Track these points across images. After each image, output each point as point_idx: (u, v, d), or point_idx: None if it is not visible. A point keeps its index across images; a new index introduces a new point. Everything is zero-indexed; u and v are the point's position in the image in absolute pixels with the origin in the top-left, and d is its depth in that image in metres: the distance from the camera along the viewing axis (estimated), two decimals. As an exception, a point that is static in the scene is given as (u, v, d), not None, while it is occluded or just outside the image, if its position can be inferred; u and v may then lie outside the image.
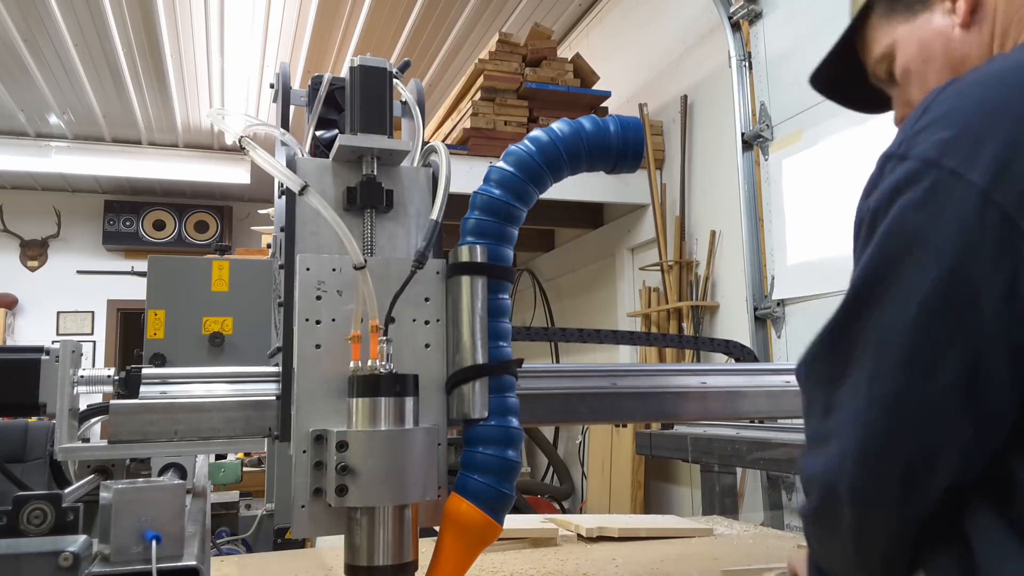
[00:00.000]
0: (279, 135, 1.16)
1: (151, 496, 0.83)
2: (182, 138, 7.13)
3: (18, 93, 5.93)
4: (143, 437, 0.94)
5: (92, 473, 1.26)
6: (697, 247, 3.74)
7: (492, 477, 0.97)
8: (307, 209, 1.01)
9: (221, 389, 1.02)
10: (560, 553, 1.76)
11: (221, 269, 1.82)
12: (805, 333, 2.96)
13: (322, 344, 0.96)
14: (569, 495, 4.73)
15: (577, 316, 5.09)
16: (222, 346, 1.78)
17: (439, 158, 1.06)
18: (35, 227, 7.93)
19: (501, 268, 1.03)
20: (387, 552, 0.91)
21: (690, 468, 3.42)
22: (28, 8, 4.67)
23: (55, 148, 6.90)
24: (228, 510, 3.07)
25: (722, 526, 2.14)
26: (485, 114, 3.80)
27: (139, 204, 8.08)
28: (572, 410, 1.22)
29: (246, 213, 8.34)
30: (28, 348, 1.07)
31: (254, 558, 1.99)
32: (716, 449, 2.67)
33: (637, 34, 4.53)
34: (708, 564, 1.65)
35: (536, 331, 1.71)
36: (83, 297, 7.82)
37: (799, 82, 3.03)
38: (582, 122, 1.07)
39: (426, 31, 5.11)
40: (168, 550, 0.81)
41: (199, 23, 4.93)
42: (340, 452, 0.89)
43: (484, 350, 1.00)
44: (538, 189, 1.06)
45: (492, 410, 0.99)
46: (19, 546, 0.73)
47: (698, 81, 3.82)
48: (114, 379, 1.08)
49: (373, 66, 1.08)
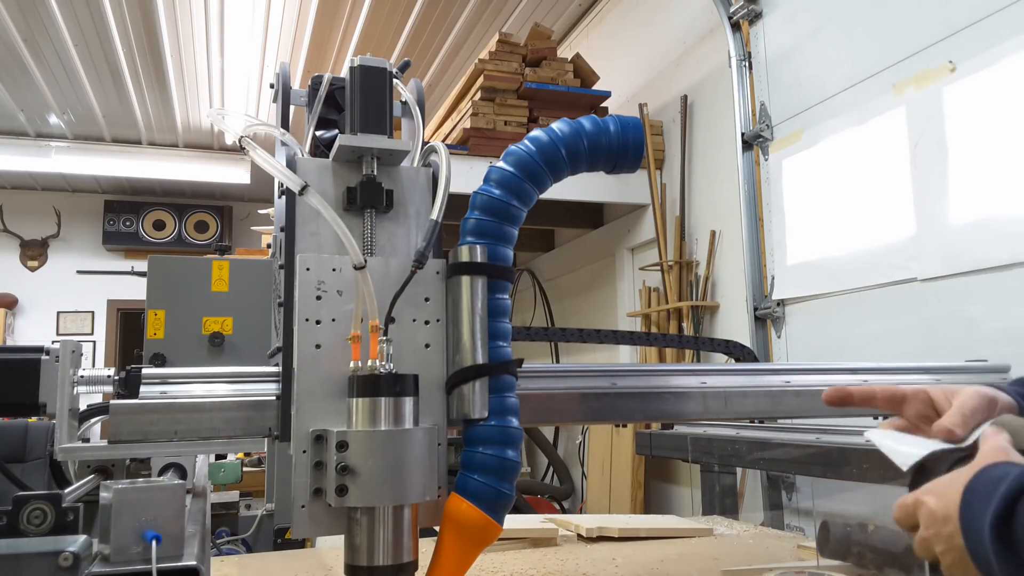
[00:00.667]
0: (279, 135, 1.16)
1: (151, 496, 0.83)
2: (182, 138, 7.13)
3: (18, 93, 5.93)
4: (143, 437, 0.94)
5: (92, 473, 1.26)
6: (697, 247, 3.74)
7: (492, 477, 0.97)
8: (307, 209, 1.01)
9: (221, 389, 1.02)
10: (560, 553, 1.76)
11: (221, 269, 1.83)
12: (805, 333, 2.96)
13: (322, 344, 0.96)
14: (569, 495, 4.73)
15: (577, 316, 5.09)
16: (222, 346, 1.78)
17: (439, 158, 1.06)
18: (35, 227, 7.94)
19: (501, 268, 1.03)
20: (387, 552, 0.91)
21: (690, 468, 3.42)
22: (28, 8, 4.67)
23: (55, 148, 6.90)
24: (228, 510, 3.07)
25: (722, 526, 2.14)
26: (485, 114, 3.80)
27: (139, 204, 8.08)
28: (572, 410, 1.22)
29: (246, 213, 8.35)
30: (28, 348, 1.07)
31: (254, 558, 1.99)
32: (716, 449, 2.67)
33: (637, 34, 4.53)
34: (708, 564, 1.65)
35: (536, 331, 1.71)
36: (83, 297, 7.83)
37: (799, 82, 3.03)
38: (582, 122, 1.07)
39: (426, 31, 5.11)
40: (168, 550, 0.81)
41: (199, 23, 4.94)
42: (340, 452, 0.89)
43: (484, 350, 1.00)
44: (538, 189, 1.06)
45: (492, 410, 0.99)
46: (19, 546, 0.73)
47: (698, 81, 3.82)
48: (114, 379, 1.08)
49: (373, 66, 1.08)
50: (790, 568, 1.55)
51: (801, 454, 2.05)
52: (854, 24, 2.74)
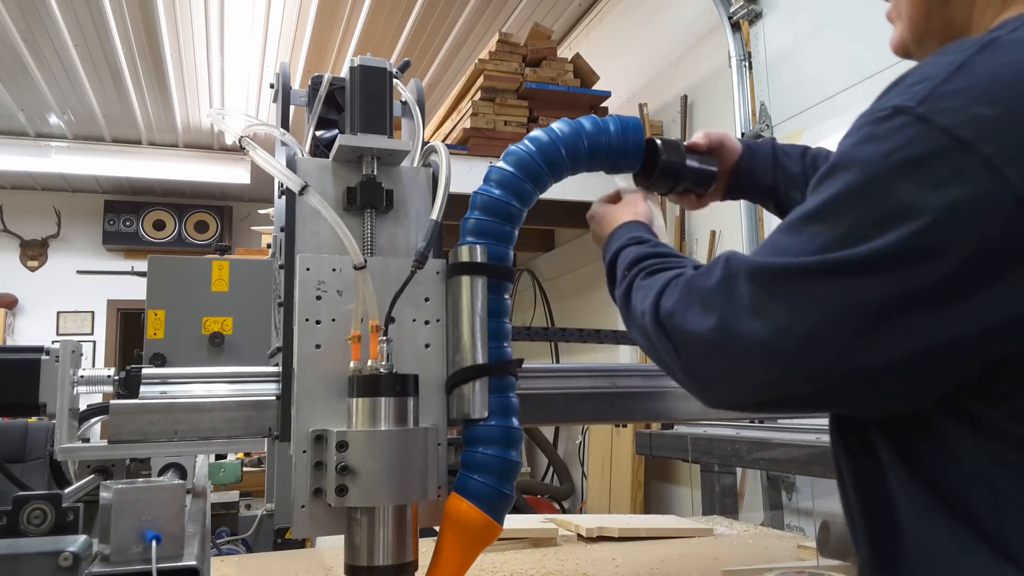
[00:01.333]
0: (279, 135, 1.16)
1: (151, 496, 0.83)
2: (182, 138, 7.13)
3: (18, 93, 5.93)
4: (143, 437, 0.94)
5: (92, 473, 1.26)
6: (697, 247, 3.74)
7: (492, 477, 0.97)
8: (307, 209, 1.01)
9: (221, 389, 1.02)
10: (560, 553, 1.76)
11: (221, 269, 1.83)
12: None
13: (322, 344, 0.96)
14: (569, 495, 4.73)
15: (577, 316, 5.09)
16: (222, 346, 1.78)
17: (439, 158, 1.06)
18: (35, 227, 7.93)
19: (501, 268, 1.03)
20: (387, 552, 0.91)
21: (690, 468, 3.42)
22: (28, 8, 4.67)
23: (55, 148, 6.90)
24: (228, 510, 3.07)
25: (722, 526, 2.14)
26: (485, 114, 3.80)
27: (139, 204, 8.07)
28: (572, 410, 1.22)
29: (246, 213, 8.34)
30: (28, 348, 1.07)
31: (254, 558, 1.99)
32: (716, 449, 2.67)
33: (637, 34, 4.53)
34: (708, 564, 1.65)
35: (536, 331, 1.71)
36: (83, 297, 7.82)
37: (799, 82, 3.03)
38: (582, 122, 1.07)
39: (426, 31, 5.11)
40: (168, 550, 0.81)
41: (199, 23, 4.93)
42: (340, 452, 0.89)
43: (484, 350, 1.00)
44: (538, 189, 1.06)
45: (492, 410, 0.99)
46: (19, 546, 0.73)
47: (698, 81, 3.82)
48: (114, 379, 1.08)
49: (373, 66, 1.08)
50: (790, 568, 1.55)
51: (801, 454, 2.05)
52: (854, 24, 2.74)
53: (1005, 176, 0.54)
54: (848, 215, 0.61)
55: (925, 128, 0.58)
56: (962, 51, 0.61)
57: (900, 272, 0.58)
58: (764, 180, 1.17)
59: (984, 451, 0.60)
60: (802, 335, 0.61)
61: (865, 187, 0.60)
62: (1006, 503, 0.59)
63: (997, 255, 0.55)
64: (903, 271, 0.57)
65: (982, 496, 0.60)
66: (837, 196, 0.62)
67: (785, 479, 2.87)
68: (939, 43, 0.77)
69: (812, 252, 0.62)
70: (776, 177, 1.16)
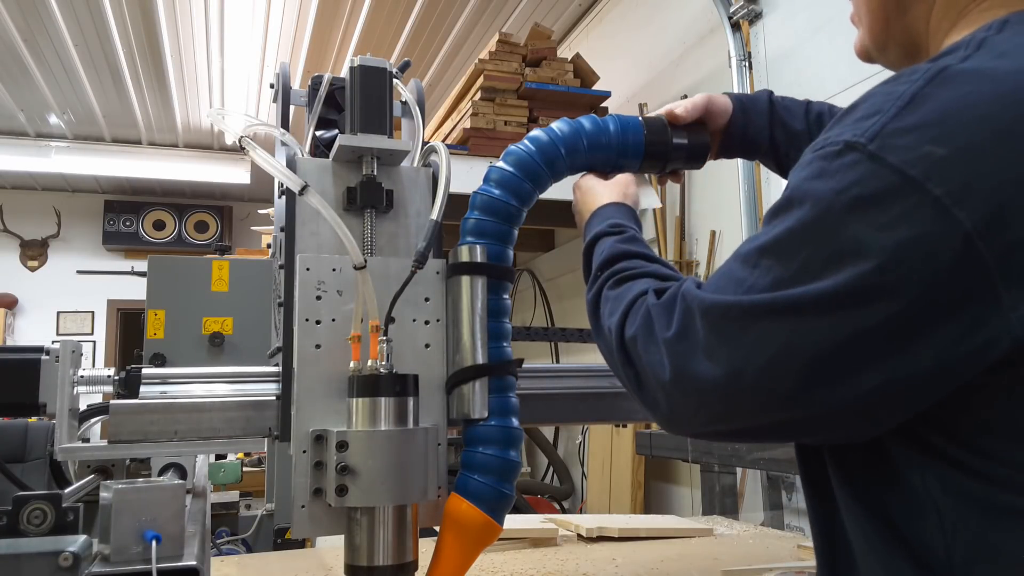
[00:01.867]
0: (279, 135, 1.16)
1: (151, 496, 0.83)
2: (182, 138, 7.13)
3: (18, 93, 5.93)
4: (143, 437, 0.94)
5: (92, 473, 1.26)
6: (697, 247, 3.74)
7: (492, 477, 0.97)
8: (307, 209, 1.01)
9: (221, 389, 1.03)
10: (560, 553, 1.76)
11: (221, 269, 1.83)
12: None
13: (322, 344, 0.96)
14: (569, 495, 4.73)
15: (577, 316, 5.09)
16: (222, 346, 1.78)
17: (439, 158, 1.06)
18: (35, 227, 7.93)
19: (501, 268, 1.03)
20: (387, 552, 0.91)
21: (690, 468, 3.42)
22: (28, 8, 4.67)
23: (55, 148, 6.90)
24: (228, 510, 3.07)
25: (722, 526, 2.14)
26: (485, 114, 3.80)
27: (139, 204, 8.07)
28: (572, 410, 1.23)
29: (246, 213, 8.34)
30: (28, 348, 1.07)
31: (254, 558, 1.99)
32: (716, 449, 2.67)
33: (637, 34, 4.53)
34: (708, 564, 1.65)
35: (536, 331, 1.71)
36: (83, 297, 7.82)
37: (799, 82, 3.03)
38: (582, 121, 1.07)
39: (426, 31, 5.11)
40: (168, 550, 0.81)
41: (199, 23, 4.93)
42: (340, 452, 0.89)
43: (484, 350, 1.00)
44: (538, 189, 1.06)
45: (492, 410, 0.99)
46: (19, 546, 0.73)
47: (698, 81, 3.82)
48: (114, 379, 1.08)
49: (373, 66, 1.08)
50: (790, 568, 1.55)
51: (801, 454, 2.04)
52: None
53: (955, 216, 0.54)
54: (800, 252, 0.61)
55: (875, 166, 0.58)
56: (912, 81, 0.60)
57: (851, 311, 0.58)
58: (760, 139, 1.11)
59: (936, 479, 0.60)
60: (755, 374, 0.62)
61: (817, 224, 0.60)
62: (953, 530, 0.59)
63: (947, 294, 0.55)
64: (854, 310, 0.58)
65: (930, 524, 0.60)
66: (789, 232, 0.62)
67: (785, 479, 2.87)
68: (900, 49, 0.77)
69: (764, 288, 0.62)
70: (774, 135, 1.11)
